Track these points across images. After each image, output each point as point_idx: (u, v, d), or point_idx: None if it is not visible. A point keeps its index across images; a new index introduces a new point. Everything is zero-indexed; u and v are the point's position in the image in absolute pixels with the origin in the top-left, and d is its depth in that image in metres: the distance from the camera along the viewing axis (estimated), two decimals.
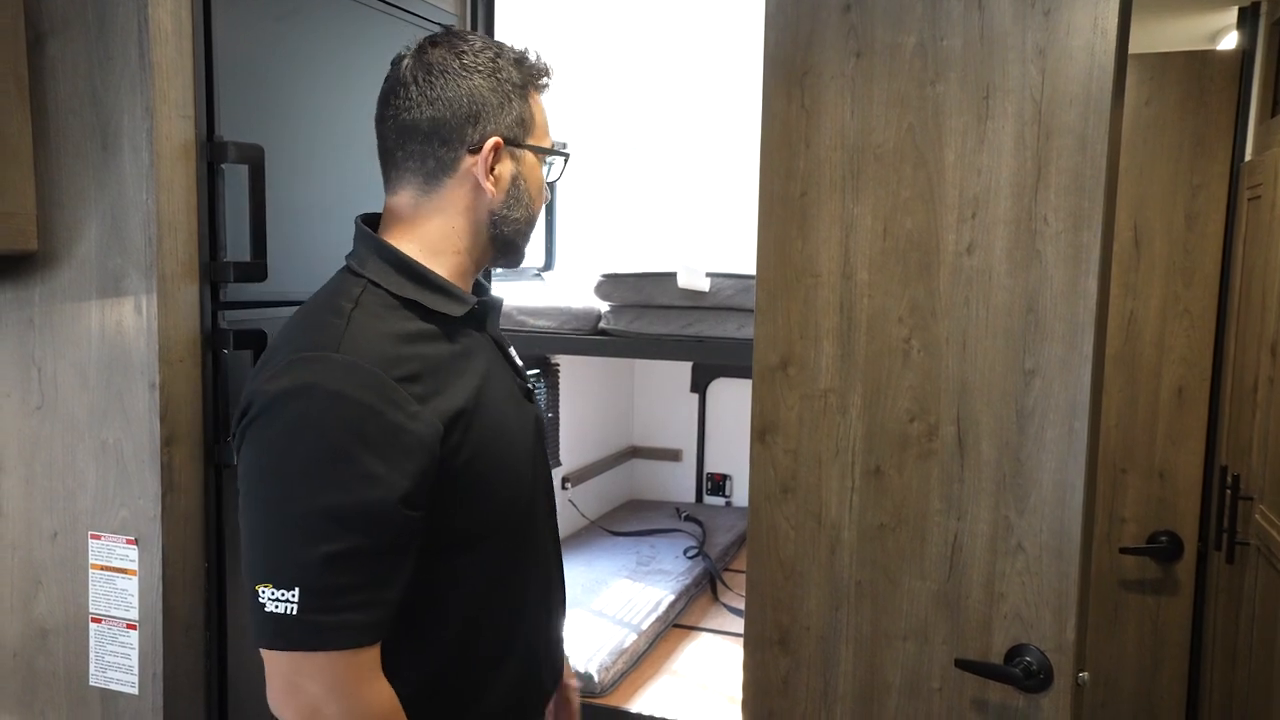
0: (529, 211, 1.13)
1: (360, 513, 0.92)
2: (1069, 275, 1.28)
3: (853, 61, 1.39)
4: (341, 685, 0.93)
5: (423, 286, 1.06)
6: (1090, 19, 1.25)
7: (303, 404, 0.92)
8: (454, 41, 1.09)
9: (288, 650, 0.92)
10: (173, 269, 1.29)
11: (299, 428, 0.92)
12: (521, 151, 1.11)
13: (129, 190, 1.26)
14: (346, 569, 0.92)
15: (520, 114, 1.10)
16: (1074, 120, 1.26)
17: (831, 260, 1.42)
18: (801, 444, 1.45)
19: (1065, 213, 1.28)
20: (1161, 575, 2.25)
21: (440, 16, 1.86)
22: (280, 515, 0.92)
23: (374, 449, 0.92)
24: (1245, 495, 1.93)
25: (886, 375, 1.40)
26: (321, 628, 0.91)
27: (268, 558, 0.92)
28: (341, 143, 1.60)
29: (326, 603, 0.90)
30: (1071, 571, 1.29)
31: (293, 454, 0.92)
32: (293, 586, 0.89)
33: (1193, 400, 2.19)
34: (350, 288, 1.05)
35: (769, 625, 1.50)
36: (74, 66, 1.27)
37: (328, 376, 0.93)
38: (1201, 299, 2.17)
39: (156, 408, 1.28)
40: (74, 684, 1.35)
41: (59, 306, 1.32)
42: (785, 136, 1.44)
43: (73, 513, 1.34)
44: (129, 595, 1.31)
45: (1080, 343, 1.27)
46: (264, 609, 0.91)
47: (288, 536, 0.91)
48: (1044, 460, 1.30)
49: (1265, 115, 2.05)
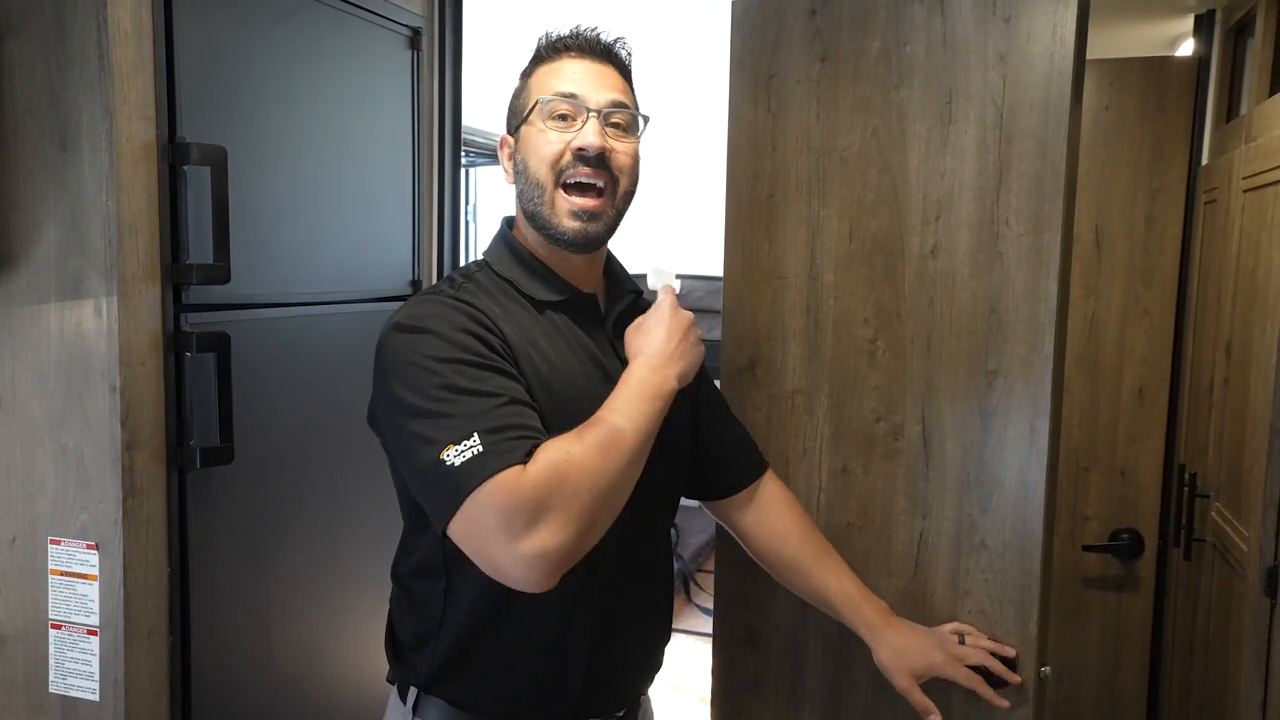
0: (534, 178, 1.12)
1: (487, 370, 1.01)
2: (1030, 277, 1.29)
3: (818, 66, 1.41)
4: (533, 486, 0.95)
5: (521, 267, 1.15)
6: (1049, 26, 1.26)
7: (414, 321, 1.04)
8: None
9: (494, 476, 0.94)
10: (134, 271, 1.28)
11: (412, 336, 1.03)
12: (520, 130, 1.14)
13: (88, 191, 1.25)
14: (498, 415, 0.98)
15: (519, 102, 1.15)
16: (1034, 125, 1.28)
17: (798, 262, 1.43)
18: (770, 444, 1.45)
19: (1026, 216, 1.29)
20: (1123, 572, 2.29)
21: (408, 19, 1.85)
22: (422, 399, 0.99)
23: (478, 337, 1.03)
24: (1202, 493, 1.96)
25: (852, 376, 1.41)
26: (506, 450, 0.95)
27: (440, 430, 0.97)
28: (305, 144, 1.59)
29: (500, 437, 0.96)
30: (1034, 568, 1.30)
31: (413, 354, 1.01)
32: (471, 433, 0.95)
33: (1153, 399, 2.23)
34: (470, 267, 1.18)
35: (737, 625, 1.51)
36: (31, 67, 1.26)
37: (430, 307, 1.06)
38: (1161, 300, 2.21)
39: (117, 411, 1.27)
40: (33, 691, 1.34)
41: (17, 309, 1.30)
42: (752, 139, 1.45)
43: (31, 517, 1.32)
44: (89, 601, 1.30)
45: (1041, 343, 1.29)
46: (455, 467, 0.94)
47: (441, 408, 0.98)
48: (1006, 459, 1.32)
49: (1221, 121, 2.10)
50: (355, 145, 1.73)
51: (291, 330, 1.59)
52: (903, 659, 1.24)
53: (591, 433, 0.99)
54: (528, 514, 0.92)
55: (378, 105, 1.80)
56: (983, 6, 1.30)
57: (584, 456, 0.96)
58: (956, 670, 1.25)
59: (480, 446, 0.94)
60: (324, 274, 1.67)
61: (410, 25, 1.87)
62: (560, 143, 1.09)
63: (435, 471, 0.95)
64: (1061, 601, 2.32)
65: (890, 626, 1.26)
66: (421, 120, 1.92)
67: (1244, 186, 1.74)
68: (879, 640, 1.25)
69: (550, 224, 1.11)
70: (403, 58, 1.87)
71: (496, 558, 0.94)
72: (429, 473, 0.96)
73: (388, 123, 1.84)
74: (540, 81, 1.13)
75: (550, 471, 0.94)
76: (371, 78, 1.77)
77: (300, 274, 1.62)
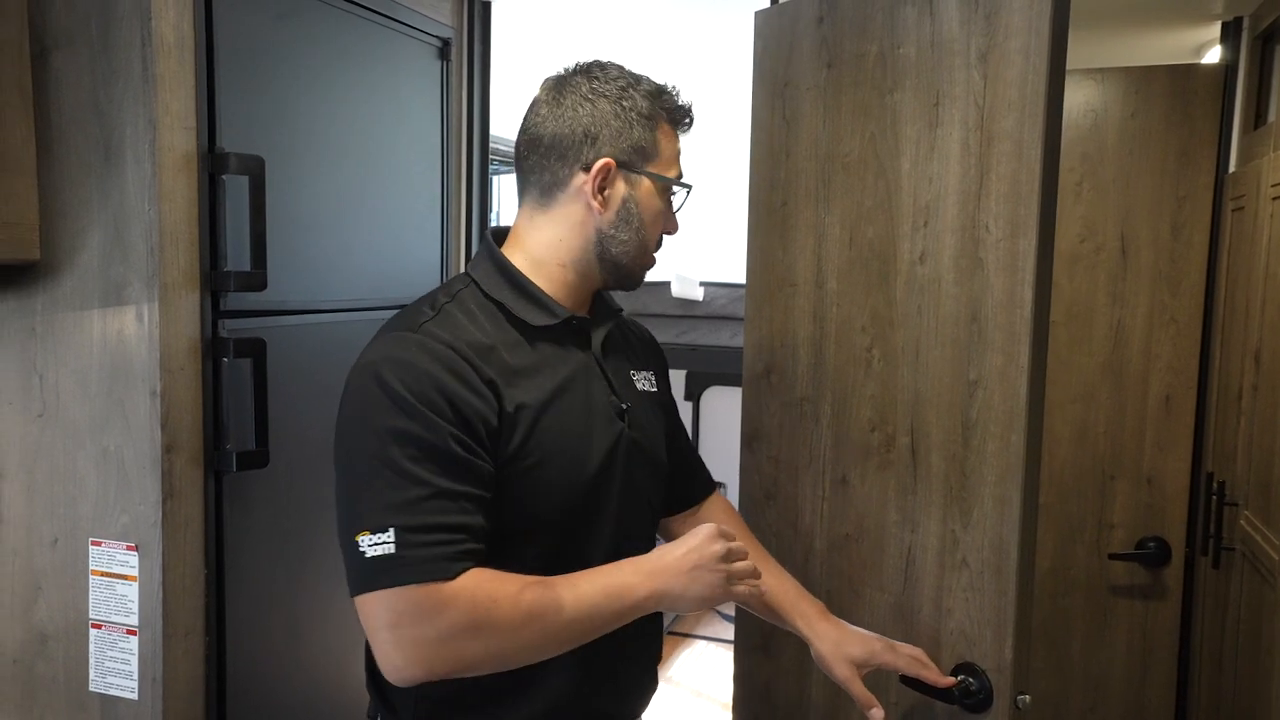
0: (639, 236, 1.14)
1: (428, 455, 0.97)
2: (1007, 284, 1.20)
3: (824, 72, 1.37)
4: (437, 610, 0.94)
5: (514, 290, 1.11)
6: (1026, 20, 1.17)
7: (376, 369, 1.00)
8: (591, 69, 1.14)
9: (392, 587, 0.93)
10: (174, 278, 1.31)
11: (371, 388, 0.99)
12: (638, 177, 1.13)
13: (131, 200, 1.28)
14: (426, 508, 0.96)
15: (641, 141, 1.12)
16: (1011, 125, 1.19)
17: (806, 269, 1.40)
18: (782, 451, 1.43)
19: (1004, 220, 1.20)
20: (1150, 581, 2.27)
21: (438, 30, 1.88)
22: (361, 466, 0.98)
23: (434, 407, 0.98)
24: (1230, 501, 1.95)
25: (851, 384, 1.36)
26: (422, 561, 0.94)
27: (361, 508, 0.96)
28: (339, 153, 1.62)
29: (417, 539, 0.94)
30: (1009, 589, 1.21)
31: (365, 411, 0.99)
32: (388, 527, 0.94)
33: (1180, 407, 2.21)
34: (455, 283, 1.14)
35: (754, 631, 1.51)
36: (78, 79, 1.29)
37: (402, 349, 1.01)
38: (1188, 307, 2.20)
39: (157, 415, 1.30)
40: (74, 689, 1.36)
41: (61, 315, 1.33)
42: (770, 147, 1.45)
43: (73, 519, 1.35)
44: (129, 601, 1.33)
45: (1017, 353, 1.19)
46: (366, 557, 0.94)
47: (371, 484, 0.96)
48: (985, 473, 1.23)
49: (1249, 128, 2.09)
50: (387, 154, 1.75)
51: (324, 336, 1.62)
52: (842, 649, 1.22)
53: (531, 594, 0.97)
54: (424, 641, 0.94)
55: (409, 115, 1.83)
56: (967, 3, 1.22)
57: (506, 618, 0.95)
58: (896, 657, 1.22)
59: (393, 546, 0.93)
60: (356, 281, 1.70)
61: (440, 36, 1.90)
62: (668, 219, 1.17)
63: (349, 547, 0.96)
64: (1088, 610, 2.31)
65: (826, 620, 1.25)
66: (451, 129, 1.95)
67: (1273, 194, 1.73)
68: (816, 633, 1.24)
69: (630, 276, 1.17)
70: (433, 68, 1.90)
71: (379, 650, 0.96)
72: (345, 543, 0.97)
73: (418, 132, 1.87)
74: (668, 146, 1.16)
75: (464, 618, 0.94)
76: (403, 88, 1.80)
77: (333, 281, 1.64)
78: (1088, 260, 2.25)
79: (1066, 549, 2.32)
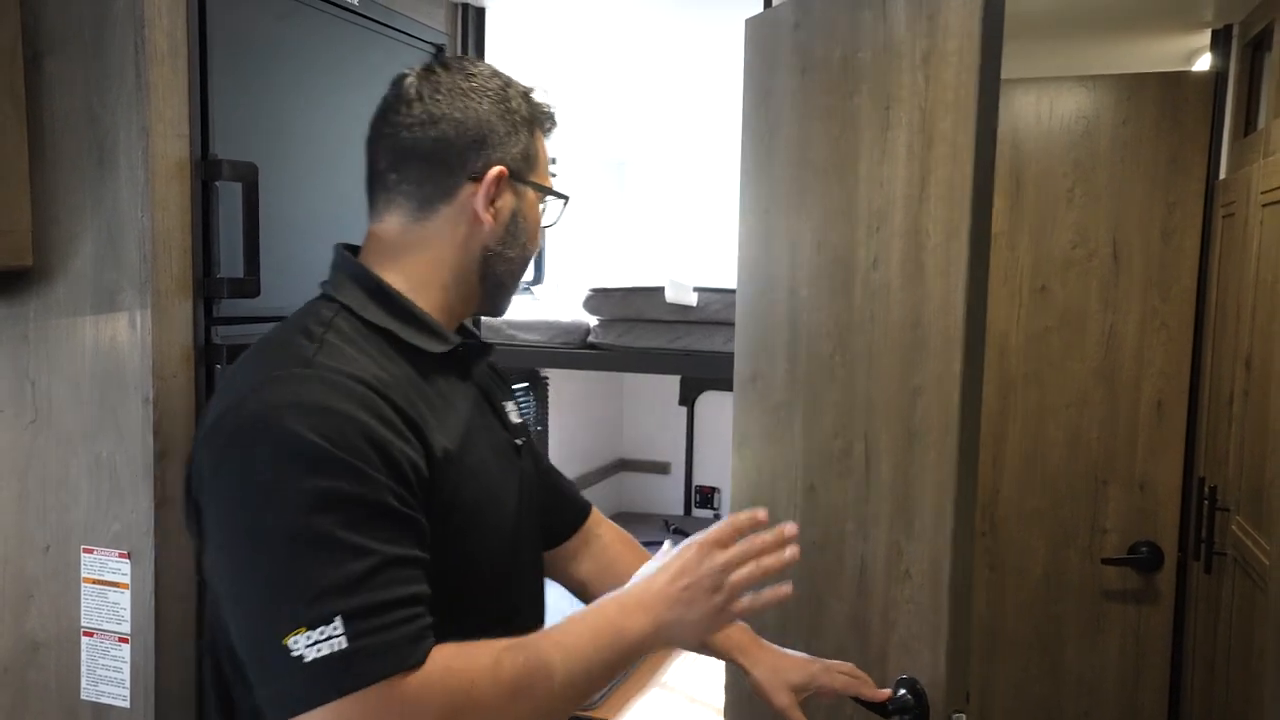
0: (524, 252, 1.05)
1: (367, 517, 0.80)
2: (943, 289, 1.18)
3: (799, 78, 1.36)
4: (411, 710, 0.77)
5: (398, 317, 0.97)
6: (960, 20, 1.16)
7: (277, 420, 0.81)
8: (463, 65, 1.03)
9: (354, 691, 0.75)
10: (167, 285, 1.31)
11: (273, 445, 0.81)
12: (523, 188, 1.03)
13: (124, 207, 1.28)
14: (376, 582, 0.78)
15: (526, 148, 1.02)
16: (948, 127, 1.18)
17: (783, 275, 1.39)
18: (763, 457, 1.43)
19: (941, 223, 1.18)
20: (1142, 585, 2.28)
21: (432, 36, 1.88)
22: (278, 548, 0.78)
23: (362, 457, 0.82)
24: (1222, 506, 1.96)
25: (818, 391, 1.34)
26: (382, 649, 0.76)
27: (289, 600, 0.76)
28: (334, 161, 1.62)
29: (373, 623, 0.76)
30: (943, 602, 1.18)
31: (269, 476, 0.80)
32: (332, 617, 0.76)
33: (1171, 412, 2.22)
34: (322, 310, 0.97)
35: None
36: (71, 85, 1.29)
37: (306, 391, 0.83)
38: (1179, 313, 2.21)
39: (150, 422, 1.29)
40: (65, 698, 1.36)
41: (53, 322, 1.33)
42: (757, 153, 1.45)
43: (65, 526, 1.34)
44: (121, 609, 1.32)
45: (951, 359, 1.16)
46: (306, 663, 0.74)
47: (296, 567, 0.77)
48: (926, 483, 1.20)
49: (1239, 135, 2.10)
50: None
51: None
52: (780, 675, 1.16)
53: (513, 661, 0.82)
54: None
55: None
56: (914, 5, 1.21)
57: (489, 698, 0.79)
58: (834, 678, 1.17)
59: (344, 640, 0.74)
60: None
61: (434, 42, 1.90)
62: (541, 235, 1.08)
63: (276, 658, 0.75)
64: (1080, 615, 2.32)
65: (760, 647, 1.19)
66: None
67: (1263, 201, 1.75)
68: (753, 660, 1.18)
69: (507, 298, 1.07)
70: None
71: None
72: (267, 656, 0.76)
73: None
74: (544, 155, 1.07)
75: (442, 712, 0.77)
76: None
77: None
78: (1080, 266, 2.26)
79: (1059, 554, 2.33)
